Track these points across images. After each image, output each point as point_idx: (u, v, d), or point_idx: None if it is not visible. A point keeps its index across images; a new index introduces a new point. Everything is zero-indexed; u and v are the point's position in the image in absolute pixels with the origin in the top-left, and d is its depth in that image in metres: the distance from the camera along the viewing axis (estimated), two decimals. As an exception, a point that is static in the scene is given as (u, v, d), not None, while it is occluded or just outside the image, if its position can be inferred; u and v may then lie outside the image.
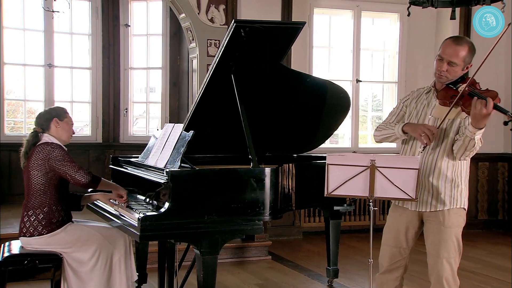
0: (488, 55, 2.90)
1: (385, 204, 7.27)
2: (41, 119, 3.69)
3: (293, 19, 7.10)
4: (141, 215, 3.21)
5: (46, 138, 3.63)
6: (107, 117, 7.83)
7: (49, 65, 7.58)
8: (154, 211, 3.36)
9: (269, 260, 5.88)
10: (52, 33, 7.62)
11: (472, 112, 2.87)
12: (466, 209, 3.25)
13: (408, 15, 5.39)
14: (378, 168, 2.95)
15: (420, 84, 8.01)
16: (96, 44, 7.82)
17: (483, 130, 2.94)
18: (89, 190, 3.89)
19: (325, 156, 3.17)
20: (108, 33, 7.83)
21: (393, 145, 8.14)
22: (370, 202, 3.09)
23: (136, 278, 3.82)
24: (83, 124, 7.98)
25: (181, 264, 4.25)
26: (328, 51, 7.87)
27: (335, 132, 8.68)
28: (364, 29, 7.90)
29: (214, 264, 3.35)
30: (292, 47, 6.86)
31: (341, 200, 4.39)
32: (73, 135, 3.81)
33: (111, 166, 4.42)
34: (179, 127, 3.86)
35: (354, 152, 7.87)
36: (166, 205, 3.25)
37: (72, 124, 3.80)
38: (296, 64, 7.17)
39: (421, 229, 3.36)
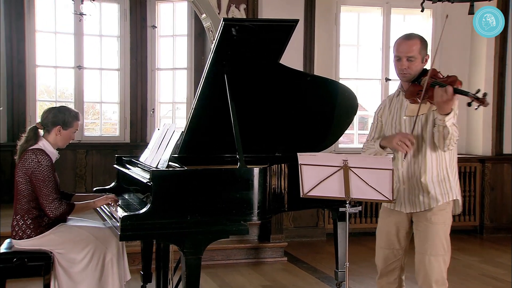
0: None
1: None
2: (48, 119, 3.63)
3: (318, 17, 7.00)
4: (123, 214, 3.22)
5: (40, 143, 3.60)
6: (134, 118, 7.95)
7: (79, 67, 7.76)
8: (136, 211, 3.36)
9: (284, 261, 5.82)
10: (82, 35, 7.80)
11: (435, 100, 2.90)
12: (460, 200, 3.22)
13: (422, 10, 5.22)
14: (351, 168, 2.85)
15: (454, 82, 7.79)
16: (124, 46, 7.96)
17: (451, 115, 2.93)
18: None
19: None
20: (136, 35, 7.96)
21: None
22: (346, 204, 3.00)
23: (129, 278, 3.83)
24: (113, 124, 8.16)
25: (178, 265, 4.24)
26: (357, 49, 7.73)
27: (366, 132, 8.61)
28: (395, 26, 7.71)
29: (197, 265, 3.31)
30: (316, 45, 6.91)
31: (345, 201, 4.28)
32: (104, 135, 3.74)
33: (115, 166, 4.46)
34: (173, 127, 3.87)
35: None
36: (148, 205, 3.24)
37: (76, 130, 3.75)
38: (321, 63, 7.07)
39: (412, 228, 3.31)
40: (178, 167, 3.57)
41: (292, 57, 6.73)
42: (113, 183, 4.49)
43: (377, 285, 3.43)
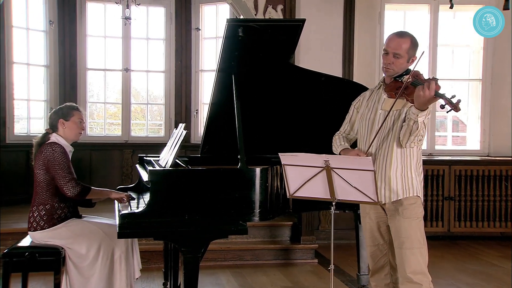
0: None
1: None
2: (51, 119, 3.89)
3: (359, 17, 6.87)
4: (122, 212, 3.31)
5: (53, 138, 3.82)
6: (179, 118, 8.09)
7: (126, 70, 8.01)
8: (135, 209, 3.44)
9: (314, 263, 5.76)
10: (129, 39, 8.04)
11: (416, 94, 2.95)
12: (422, 198, 3.29)
13: (451, 7, 5.01)
14: (333, 169, 2.79)
15: (510, 81, 7.43)
16: (169, 48, 8.13)
17: (425, 113, 3.01)
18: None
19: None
20: (181, 37, 8.11)
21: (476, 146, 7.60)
22: (332, 205, 2.96)
23: (138, 275, 3.91)
24: (158, 124, 8.36)
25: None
26: (403, 48, 7.51)
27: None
28: (444, 24, 7.46)
29: (195, 264, 3.34)
30: (356, 46, 6.78)
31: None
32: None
33: (136, 165, 4.59)
34: (183, 127, 3.95)
35: (430, 154, 7.46)
36: (146, 203, 3.31)
37: (81, 120, 3.91)
38: (362, 64, 6.96)
39: None
40: (183, 166, 3.61)
41: (330, 58, 6.67)
42: (134, 183, 4.62)
43: (371, 284, 3.52)
